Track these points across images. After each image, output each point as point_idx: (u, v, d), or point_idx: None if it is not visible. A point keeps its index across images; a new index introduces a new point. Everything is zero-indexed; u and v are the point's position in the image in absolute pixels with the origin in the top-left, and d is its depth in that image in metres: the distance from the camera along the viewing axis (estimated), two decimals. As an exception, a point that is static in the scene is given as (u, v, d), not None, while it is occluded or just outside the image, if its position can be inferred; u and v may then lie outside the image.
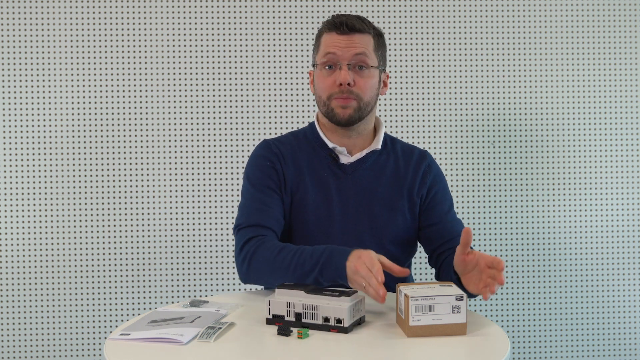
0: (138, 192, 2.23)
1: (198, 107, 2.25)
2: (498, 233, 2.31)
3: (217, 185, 2.25)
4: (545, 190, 2.32)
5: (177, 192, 2.24)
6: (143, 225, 2.24)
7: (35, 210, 2.21)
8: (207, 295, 2.23)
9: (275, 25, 2.26)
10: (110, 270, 2.23)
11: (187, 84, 2.24)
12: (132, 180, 2.23)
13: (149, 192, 2.24)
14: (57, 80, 2.21)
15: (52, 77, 2.21)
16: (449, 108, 2.29)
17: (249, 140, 2.25)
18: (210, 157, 2.25)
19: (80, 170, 2.22)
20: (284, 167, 1.60)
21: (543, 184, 2.31)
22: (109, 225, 2.23)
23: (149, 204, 2.24)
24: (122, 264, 2.23)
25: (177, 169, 2.24)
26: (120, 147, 2.23)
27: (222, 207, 2.25)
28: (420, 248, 1.76)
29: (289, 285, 1.30)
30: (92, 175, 2.22)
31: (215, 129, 2.25)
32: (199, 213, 2.25)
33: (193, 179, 2.25)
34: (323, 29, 1.60)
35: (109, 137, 2.23)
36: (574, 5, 2.31)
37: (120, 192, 2.23)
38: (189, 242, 2.25)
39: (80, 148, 2.22)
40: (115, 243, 2.23)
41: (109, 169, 2.22)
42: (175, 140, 2.24)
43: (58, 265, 2.22)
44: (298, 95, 2.27)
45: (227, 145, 2.25)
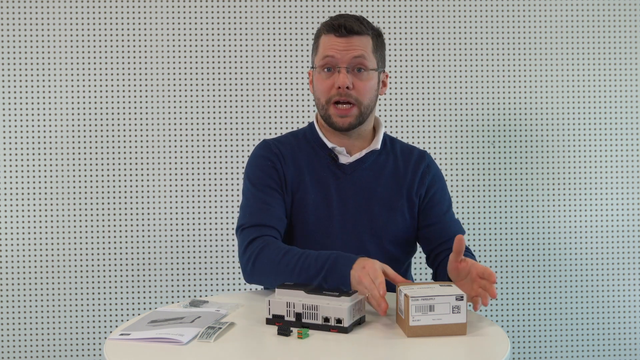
0: (138, 192, 2.23)
1: (198, 107, 2.25)
2: (498, 233, 2.31)
3: (217, 185, 2.25)
4: (545, 190, 2.32)
5: (177, 192, 2.24)
6: (143, 225, 2.24)
7: (35, 210, 2.21)
8: (207, 295, 2.23)
9: (275, 25, 2.26)
10: (110, 270, 2.23)
11: (187, 84, 2.24)
12: (132, 180, 2.23)
13: (149, 192, 2.24)
14: (57, 80, 2.21)
15: (52, 77, 2.21)
16: (449, 108, 2.29)
17: (249, 140, 2.25)
18: (210, 157, 2.25)
19: (80, 170, 2.22)
20: (284, 167, 1.60)
21: (543, 184, 2.31)
22: (109, 225, 2.23)
23: (149, 204, 2.24)
24: (122, 264, 2.23)
25: (177, 169, 2.24)
26: (120, 147, 2.23)
27: (222, 207, 2.25)
28: (420, 248, 1.76)
29: (289, 285, 1.30)
30: (92, 175, 2.22)
31: (215, 129, 2.25)
32: (199, 213, 2.25)
33: (193, 179, 2.25)
34: (321, 31, 1.59)
35: (109, 137, 2.23)
36: (574, 5, 2.31)
37: (120, 192, 2.23)
38: (189, 242, 2.25)
39: (80, 148, 2.22)
40: (115, 243, 2.23)
41: (109, 169, 2.22)
42: (175, 140, 2.24)
43: (58, 265, 2.22)
44: (298, 96, 2.27)
45: (227, 145, 2.25)
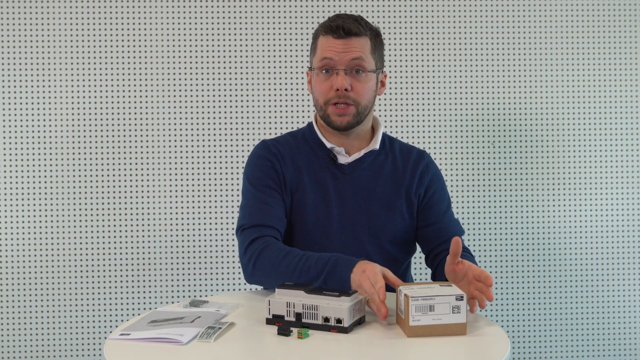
0: (138, 192, 2.23)
1: (198, 107, 2.25)
2: (498, 233, 2.31)
3: (217, 185, 2.25)
4: (545, 190, 2.32)
5: (177, 192, 2.24)
6: (143, 225, 2.24)
7: (35, 210, 2.21)
8: (207, 295, 2.23)
9: (275, 25, 2.26)
10: (110, 270, 2.23)
11: (187, 84, 2.24)
12: (132, 180, 2.23)
13: (149, 192, 2.24)
14: (57, 80, 2.21)
15: (52, 77, 2.21)
16: (449, 108, 2.29)
17: (249, 140, 2.25)
18: (210, 157, 2.25)
19: (80, 170, 2.22)
20: (283, 167, 1.60)
21: (543, 184, 2.31)
22: (109, 225, 2.23)
23: (149, 204, 2.24)
24: (122, 264, 2.23)
25: (177, 169, 2.24)
26: (120, 147, 2.23)
27: (222, 207, 2.25)
28: (420, 248, 1.76)
29: (289, 285, 1.30)
30: (92, 175, 2.22)
31: (215, 129, 2.25)
32: (199, 213, 2.25)
33: (193, 179, 2.25)
34: (319, 31, 1.58)
35: (109, 137, 2.23)
36: (574, 5, 2.31)
37: (120, 192, 2.23)
38: (189, 242, 2.25)
39: (80, 148, 2.22)
40: (115, 243, 2.23)
41: (109, 169, 2.22)
42: (175, 140, 2.24)
43: (58, 265, 2.22)
44: (298, 96, 2.27)
45: (227, 145, 2.25)
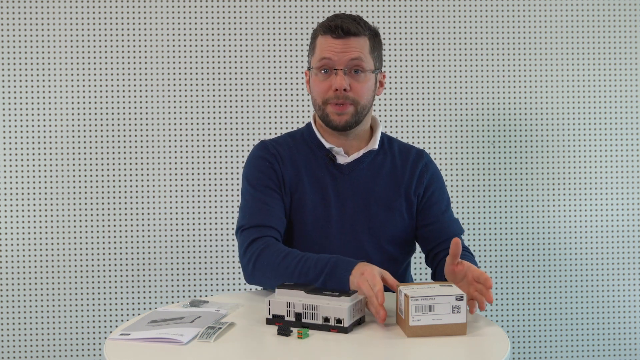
0: (138, 192, 2.23)
1: (198, 107, 2.25)
2: (498, 233, 2.31)
3: (217, 185, 2.25)
4: (545, 190, 2.32)
5: (177, 192, 2.24)
6: (143, 225, 2.24)
7: (35, 210, 2.21)
8: (207, 295, 2.23)
9: (275, 25, 2.26)
10: (110, 270, 2.23)
11: (187, 84, 2.24)
12: (132, 180, 2.23)
13: (149, 192, 2.24)
14: (57, 80, 2.21)
15: (52, 77, 2.21)
16: (449, 108, 2.29)
17: (249, 141, 2.25)
18: (210, 157, 2.25)
19: (80, 170, 2.22)
20: (282, 167, 1.60)
21: (543, 184, 2.31)
22: (109, 225, 2.23)
23: (149, 204, 2.24)
24: (122, 264, 2.23)
25: (177, 169, 2.24)
26: (120, 147, 2.23)
27: (222, 207, 2.25)
28: (419, 248, 1.76)
29: (289, 285, 1.30)
30: (92, 175, 2.22)
31: (215, 129, 2.25)
32: (199, 213, 2.25)
33: (193, 179, 2.25)
34: (318, 31, 1.57)
35: (109, 137, 2.23)
36: (574, 5, 2.31)
37: (120, 192, 2.23)
38: (189, 242, 2.25)
39: (80, 148, 2.22)
40: (115, 243, 2.23)
41: (109, 169, 2.22)
42: (175, 140, 2.24)
43: (58, 265, 2.22)
44: (298, 96, 2.27)
45: (227, 145, 2.25)
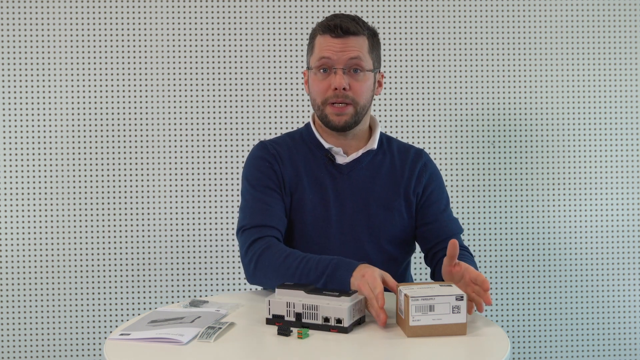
0: (138, 192, 2.23)
1: (198, 107, 2.25)
2: (498, 233, 2.31)
3: (217, 185, 2.25)
4: (545, 190, 2.32)
5: (177, 192, 2.24)
6: (143, 225, 2.24)
7: (35, 210, 2.21)
8: (207, 295, 2.23)
9: (275, 25, 2.26)
10: (110, 270, 2.23)
11: (187, 84, 2.24)
12: (132, 180, 2.23)
13: (149, 192, 2.24)
14: (57, 80, 2.21)
15: (52, 77, 2.21)
16: (449, 108, 2.29)
17: (249, 141, 2.25)
18: (210, 157, 2.25)
19: (80, 170, 2.22)
20: (282, 167, 1.60)
21: (543, 184, 2.31)
22: (109, 225, 2.23)
23: (149, 204, 2.24)
24: (122, 264, 2.23)
25: (177, 169, 2.24)
26: (120, 147, 2.23)
27: (222, 207, 2.25)
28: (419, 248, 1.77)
29: (289, 285, 1.30)
30: (92, 175, 2.22)
31: (215, 129, 2.25)
32: (199, 213, 2.25)
33: (193, 179, 2.25)
34: (317, 31, 1.58)
35: (109, 137, 2.23)
36: (574, 5, 2.31)
37: (120, 192, 2.23)
38: (189, 242, 2.25)
39: (80, 148, 2.22)
40: (115, 243, 2.23)
41: (109, 169, 2.22)
42: (175, 140, 2.24)
43: (58, 265, 2.22)
44: (298, 96, 2.27)
45: (227, 146, 2.25)
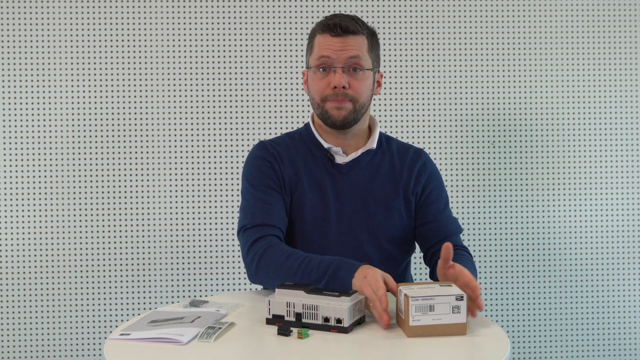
0: (138, 192, 2.23)
1: (198, 107, 2.25)
2: (498, 233, 2.31)
3: (217, 185, 2.25)
4: (545, 190, 2.32)
5: (177, 192, 2.24)
6: (143, 225, 2.24)
7: (35, 210, 2.21)
8: (207, 295, 2.23)
9: (275, 26, 2.26)
10: (110, 270, 2.23)
11: (187, 84, 2.24)
12: (132, 180, 2.23)
13: (149, 192, 2.24)
14: (57, 80, 2.21)
15: (52, 77, 2.21)
16: (449, 108, 2.29)
17: (249, 141, 2.25)
18: (210, 157, 2.25)
19: (80, 170, 2.22)
20: (282, 167, 1.60)
21: (543, 184, 2.31)
22: (109, 225, 2.23)
23: (149, 204, 2.24)
24: (122, 264, 2.23)
25: (177, 169, 2.24)
26: (120, 147, 2.23)
27: (222, 207, 2.25)
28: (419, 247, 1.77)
29: (289, 285, 1.30)
30: (92, 175, 2.22)
31: (215, 129, 2.25)
32: (199, 213, 2.25)
33: (193, 179, 2.25)
34: (316, 30, 1.58)
35: (109, 137, 2.23)
36: (574, 5, 2.31)
37: (120, 192, 2.23)
38: (189, 242, 2.25)
39: (80, 148, 2.22)
40: (115, 243, 2.23)
41: (109, 169, 2.22)
42: (175, 140, 2.24)
43: (58, 265, 2.22)
44: (298, 96, 2.27)
45: (227, 146, 2.25)
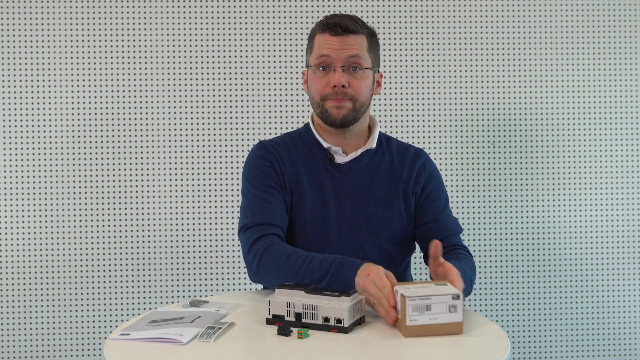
0: (138, 192, 2.23)
1: (198, 107, 2.25)
2: (498, 233, 2.31)
3: (217, 185, 2.25)
4: (545, 190, 2.32)
5: (177, 192, 2.24)
6: (143, 225, 2.24)
7: (35, 210, 2.21)
8: (207, 295, 2.23)
9: (275, 25, 2.26)
10: (110, 270, 2.23)
11: (187, 84, 2.24)
12: (132, 180, 2.23)
13: (149, 192, 2.24)
14: (57, 80, 2.21)
15: (52, 77, 2.21)
16: (449, 108, 2.29)
17: (249, 141, 2.25)
18: (210, 157, 2.25)
19: (80, 170, 2.22)
20: (282, 167, 1.60)
21: (543, 184, 2.31)
22: (109, 225, 2.23)
23: (149, 204, 2.24)
24: (122, 264, 2.23)
25: (177, 169, 2.24)
26: (120, 147, 2.23)
27: (222, 207, 2.25)
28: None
29: (289, 285, 1.30)
30: (92, 175, 2.22)
31: (215, 129, 2.25)
32: (199, 213, 2.25)
33: (193, 179, 2.25)
34: (316, 30, 1.59)
35: (109, 137, 2.23)
36: (574, 5, 2.31)
37: (120, 192, 2.23)
38: (189, 242, 2.25)
39: (80, 148, 2.22)
40: (115, 243, 2.23)
41: (109, 169, 2.22)
42: (175, 140, 2.24)
43: (58, 265, 2.22)
44: (298, 96, 2.27)
45: (227, 145, 2.25)
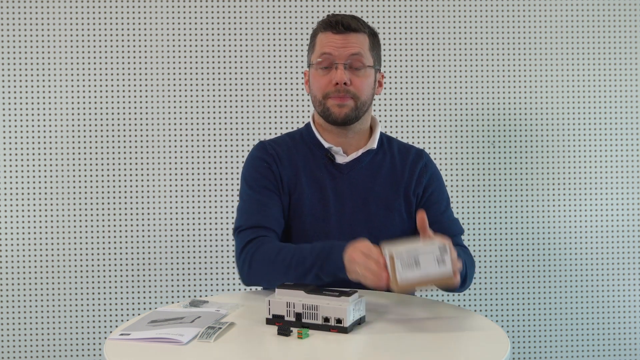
0: (138, 192, 2.23)
1: (198, 107, 2.25)
2: (498, 233, 2.31)
3: (216, 185, 2.25)
4: (545, 190, 2.32)
5: (177, 192, 2.24)
6: (143, 225, 2.24)
7: (35, 210, 2.21)
8: (207, 295, 2.23)
9: (275, 26, 2.26)
10: (110, 270, 2.23)
11: (187, 84, 2.24)
12: (132, 180, 2.23)
13: (149, 192, 2.24)
14: (57, 80, 2.21)
15: (52, 77, 2.21)
16: (449, 108, 2.29)
17: (249, 141, 2.25)
18: (210, 157, 2.25)
19: (80, 170, 2.22)
20: (280, 167, 1.60)
21: (543, 184, 2.31)
22: (109, 225, 2.23)
23: (149, 204, 2.24)
24: (122, 264, 2.23)
25: (177, 169, 2.24)
26: (120, 147, 2.23)
27: (222, 207, 2.25)
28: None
29: (289, 285, 1.30)
30: (92, 175, 2.22)
31: (215, 129, 2.25)
32: (199, 213, 2.25)
33: (193, 179, 2.25)
34: (318, 29, 1.60)
35: (109, 137, 2.23)
36: (574, 5, 2.31)
37: (120, 192, 2.23)
38: (189, 242, 2.25)
39: (80, 148, 2.22)
40: (115, 243, 2.23)
41: (109, 169, 2.22)
42: (175, 140, 2.24)
43: (58, 265, 2.22)
44: (298, 96, 2.27)
45: (226, 146, 2.25)
